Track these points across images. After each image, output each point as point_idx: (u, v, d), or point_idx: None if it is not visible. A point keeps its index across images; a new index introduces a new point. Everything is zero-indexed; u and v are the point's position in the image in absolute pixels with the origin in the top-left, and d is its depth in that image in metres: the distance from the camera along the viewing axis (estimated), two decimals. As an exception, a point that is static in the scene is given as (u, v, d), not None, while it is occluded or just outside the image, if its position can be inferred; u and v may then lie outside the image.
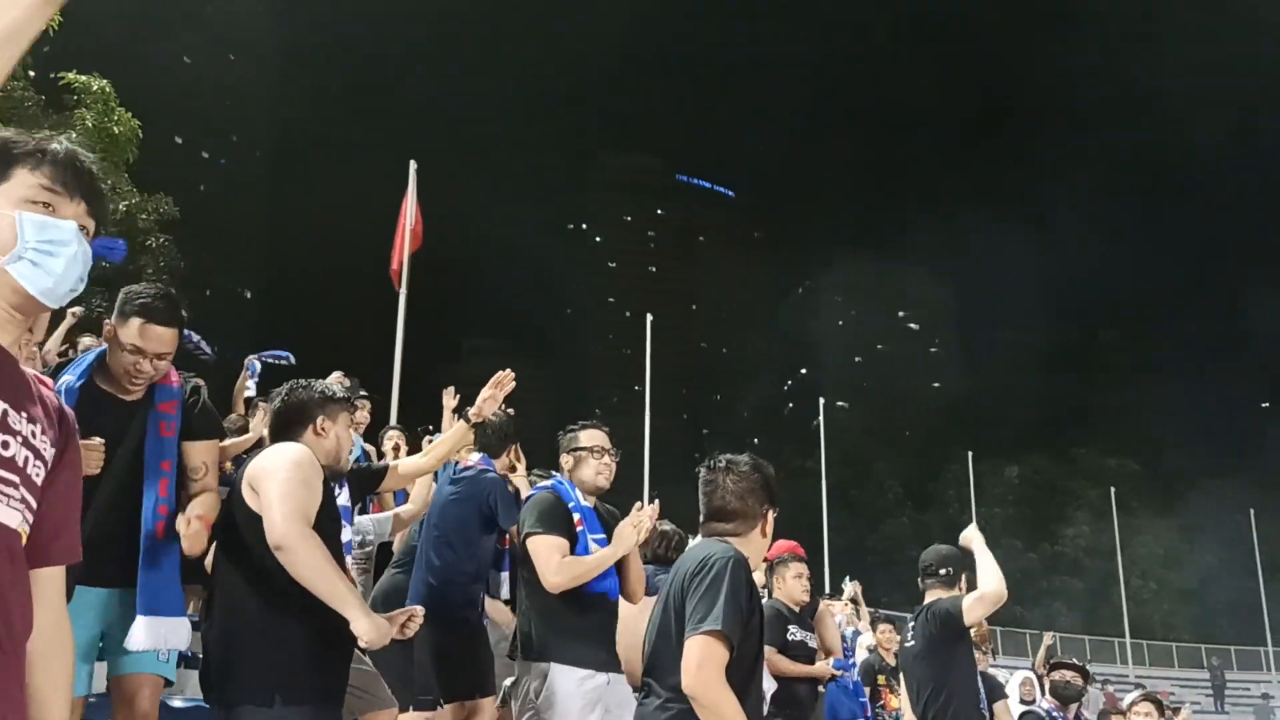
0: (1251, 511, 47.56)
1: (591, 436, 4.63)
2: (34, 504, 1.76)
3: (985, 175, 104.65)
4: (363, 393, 8.26)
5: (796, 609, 6.93)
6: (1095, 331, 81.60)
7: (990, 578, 5.51)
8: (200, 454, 3.68)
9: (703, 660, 2.97)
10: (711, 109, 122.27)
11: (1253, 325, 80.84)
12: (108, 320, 3.54)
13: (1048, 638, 13.98)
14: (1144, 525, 53.96)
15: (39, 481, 1.77)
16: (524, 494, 5.73)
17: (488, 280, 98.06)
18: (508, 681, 4.56)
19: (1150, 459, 60.22)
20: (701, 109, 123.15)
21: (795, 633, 6.77)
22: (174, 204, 22.97)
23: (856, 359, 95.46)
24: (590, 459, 4.56)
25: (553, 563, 4.23)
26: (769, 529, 3.42)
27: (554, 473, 5.04)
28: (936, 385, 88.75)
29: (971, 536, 5.84)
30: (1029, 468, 61.53)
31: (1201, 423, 64.05)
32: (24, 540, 1.73)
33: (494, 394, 4.72)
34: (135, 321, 3.45)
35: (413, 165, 15.72)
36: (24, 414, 1.75)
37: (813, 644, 6.91)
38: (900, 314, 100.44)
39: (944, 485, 58.70)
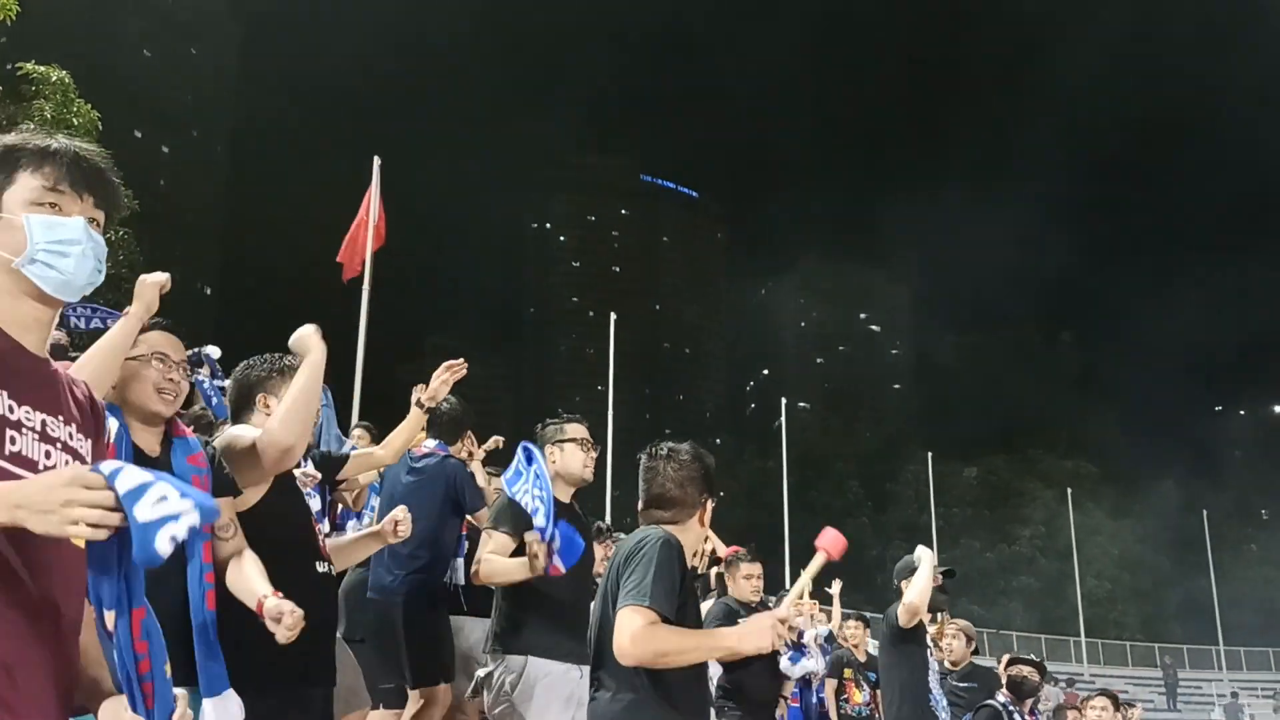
0: (1205, 513, 48.25)
1: (577, 429, 4.66)
2: None
3: (948, 180, 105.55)
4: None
5: (750, 606, 6.48)
6: (1053, 335, 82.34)
7: (912, 591, 5.88)
8: (227, 510, 3.33)
9: (639, 626, 2.94)
10: (676, 111, 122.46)
11: (1208, 330, 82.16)
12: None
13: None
14: (1099, 526, 54.57)
15: None
16: (479, 480, 5.78)
17: (451, 278, 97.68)
18: (481, 672, 4.54)
19: (1106, 461, 60.91)
20: (666, 110, 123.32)
21: None
22: (133, 198, 22.69)
23: (818, 360, 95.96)
24: (578, 451, 4.59)
25: (481, 555, 4.33)
26: (707, 518, 3.41)
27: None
28: (897, 387, 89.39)
29: (920, 555, 6.06)
30: (987, 469, 62.08)
31: (1157, 426, 65.00)
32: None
33: (446, 378, 4.74)
34: (153, 334, 3.25)
35: (376, 161, 15.62)
36: (61, 417, 1.83)
37: None
38: (862, 316, 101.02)
39: (903, 486, 59.06)
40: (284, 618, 2.95)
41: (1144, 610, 55.08)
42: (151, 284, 3.25)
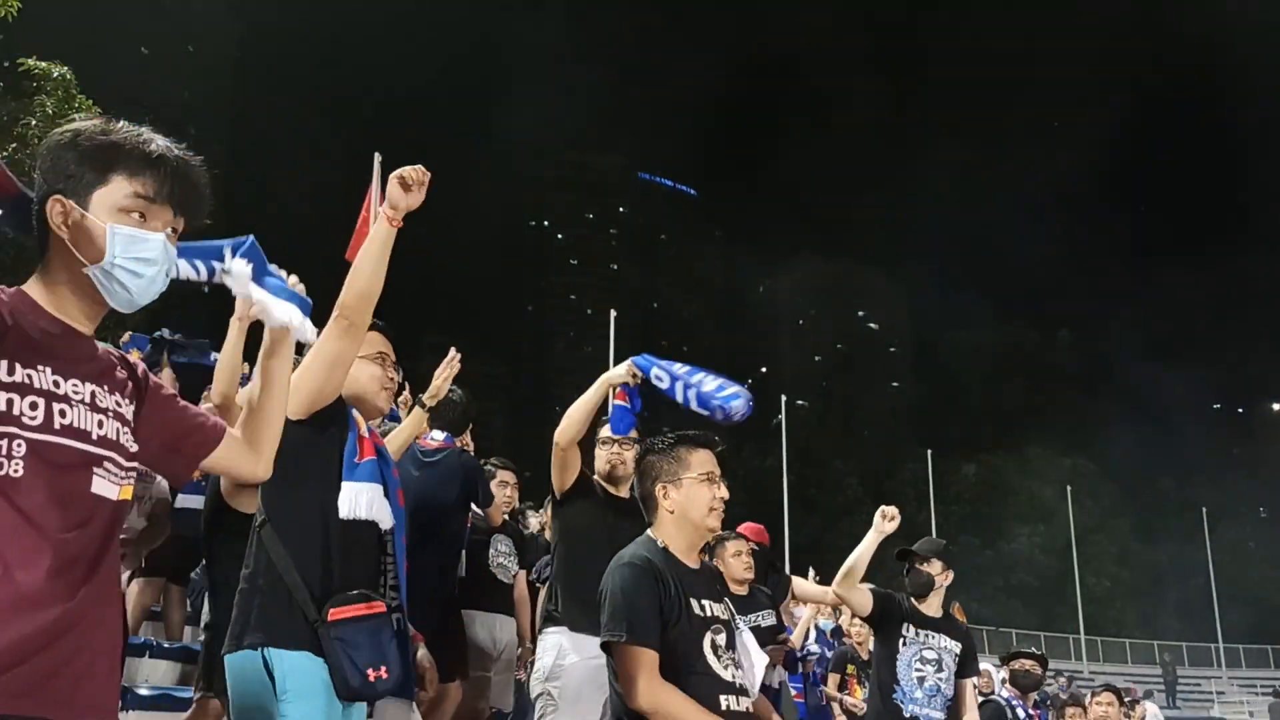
0: (1203, 510, 48.28)
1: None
2: (132, 469, 1.93)
3: (944, 178, 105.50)
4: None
5: (743, 590, 6.23)
6: (1052, 332, 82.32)
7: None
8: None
9: (638, 674, 2.92)
10: (674, 108, 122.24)
11: (1206, 328, 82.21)
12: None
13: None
14: (1099, 524, 54.61)
15: (134, 447, 1.94)
16: None
17: (449, 276, 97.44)
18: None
19: (1105, 458, 60.95)
20: (664, 108, 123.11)
21: (740, 623, 6.08)
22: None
23: (816, 358, 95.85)
24: (599, 449, 4.80)
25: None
26: (673, 505, 3.22)
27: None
28: (895, 385, 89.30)
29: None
30: (986, 466, 62.10)
31: (1155, 423, 64.95)
32: (127, 502, 1.90)
33: (447, 374, 4.81)
34: (372, 334, 3.24)
35: (377, 158, 15.54)
36: (106, 387, 1.91)
37: (768, 623, 6.32)
38: (860, 314, 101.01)
39: (902, 484, 59.00)
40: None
41: (1143, 607, 55.13)
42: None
